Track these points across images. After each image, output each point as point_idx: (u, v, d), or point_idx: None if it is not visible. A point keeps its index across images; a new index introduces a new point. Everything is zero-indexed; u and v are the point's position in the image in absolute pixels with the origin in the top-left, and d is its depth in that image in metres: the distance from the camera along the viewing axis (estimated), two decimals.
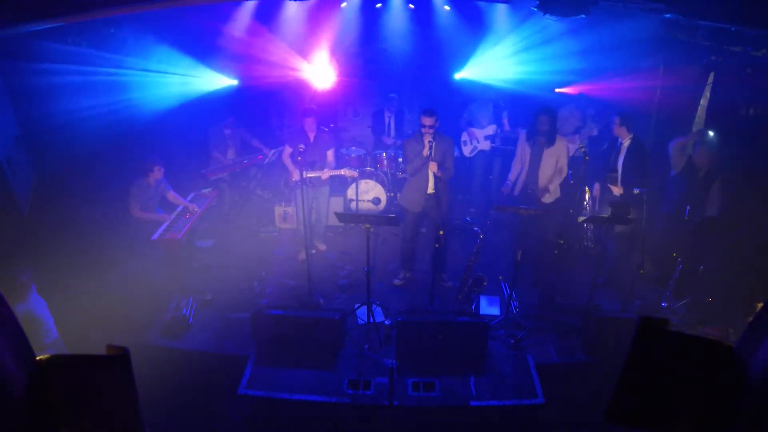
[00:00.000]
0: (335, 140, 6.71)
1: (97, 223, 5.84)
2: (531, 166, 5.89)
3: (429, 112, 5.42)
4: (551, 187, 5.89)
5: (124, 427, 1.63)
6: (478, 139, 7.96)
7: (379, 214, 7.50)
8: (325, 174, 6.29)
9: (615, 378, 1.68)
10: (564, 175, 5.85)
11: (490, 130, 7.91)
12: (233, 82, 8.25)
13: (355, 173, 6.60)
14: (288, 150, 6.47)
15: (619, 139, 5.88)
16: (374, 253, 5.79)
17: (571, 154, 6.45)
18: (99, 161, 5.98)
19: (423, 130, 5.46)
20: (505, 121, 8.01)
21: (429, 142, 5.40)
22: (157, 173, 6.14)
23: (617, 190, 5.82)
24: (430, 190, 5.70)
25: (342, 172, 6.43)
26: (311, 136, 6.32)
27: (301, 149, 5.64)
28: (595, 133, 7.26)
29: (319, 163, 6.34)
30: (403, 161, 6.34)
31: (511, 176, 6.20)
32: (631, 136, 5.80)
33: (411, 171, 5.72)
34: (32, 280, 4.29)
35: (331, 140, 6.48)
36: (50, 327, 4.40)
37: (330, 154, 6.43)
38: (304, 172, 5.92)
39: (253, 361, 4.95)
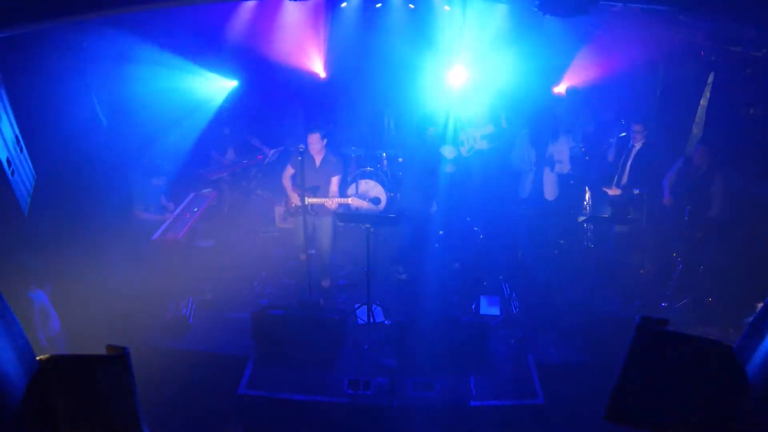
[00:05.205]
0: (343, 165, 5.91)
1: (97, 224, 5.84)
2: (537, 166, 5.90)
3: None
4: (554, 185, 5.91)
5: (123, 427, 1.63)
6: (475, 139, 7.96)
7: (379, 214, 7.49)
8: (332, 202, 5.53)
9: (615, 378, 1.67)
10: (567, 169, 5.86)
11: (487, 129, 7.91)
12: (233, 82, 8.25)
13: (364, 203, 5.72)
14: (289, 171, 5.75)
15: (631, 141, 5.89)
16: (374, 253, 5.79)
17: (569, 153, 6.46)
18: (99, 161, 5.98)
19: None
20: (503, 120, 8.01)
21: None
22: (158, 181, 6.20)
23: (613, 192, 5.83)
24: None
25: (349, 201, 5.64)
26: (317, 159, 5.60)
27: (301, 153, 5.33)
28: (591, 129, 7.26)
29: (323, 190, 5.59)
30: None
31: (523, 192, 6.14)
32: (643, 140, 5.82)
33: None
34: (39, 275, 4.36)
35: (338, 166, 5.68)
36: (53, 315, 4.46)
37: (335, 181, 5.63)
38: (306, 198, 5.38)
39: (253, 361, 4.95)
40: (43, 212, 5.14)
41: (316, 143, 5.49)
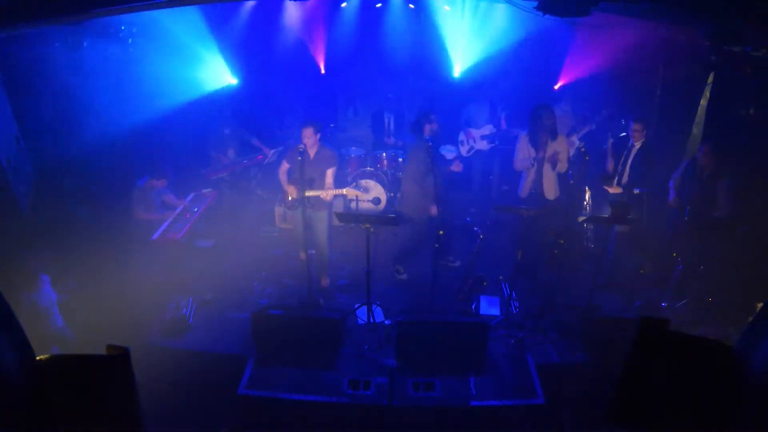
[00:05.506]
0: (338, 158, 5.97)
1: (97, 223, 5.84)
2: (537, 165, 5.88)
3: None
4: (554, 184, 5.90)
5: (123, 426, 1.63)
6: (474, 139, 7.96)
7: (379, 214, 7.49)
8: (327, 194, 5.62)
9: (615, 378, 1.68)
10: (564, 168, 5.84)
11: (487, 130, 7.92)
12: (233, 81, 8.25)
13: (359, 192, 6.22)
14: (285, 166, 5.88)
15: (631, 140, 5.90)
16: (374, 253, 5.79)
17: (570, 154, 6.45)
18: (99, 161, 5.98)
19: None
20: (503, 121, 8.02)
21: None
22: (161, 183, 6.20)
23: (613, 190, 5.83)
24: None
25: (344, 191, 5.91)
26: (312, 152, 5.67)
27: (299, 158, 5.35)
28: (593, 127, 7.26)
29: (318, 182, 5.70)
30: (408, 163, 6.21)
31: (522, 192, 6.09)
32: (643, 139, 5.83)
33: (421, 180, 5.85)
34: (43, 272, 4.35)
35: (333, 158, 5.76)
36: (56, 316, 4.46)
37: (330, 174, 5.72)
38: (304, 192, 5.47)
39: (253, 361, 4.95)
40: (42, 212, 5.15)
41: (309, 137, 5.57)
